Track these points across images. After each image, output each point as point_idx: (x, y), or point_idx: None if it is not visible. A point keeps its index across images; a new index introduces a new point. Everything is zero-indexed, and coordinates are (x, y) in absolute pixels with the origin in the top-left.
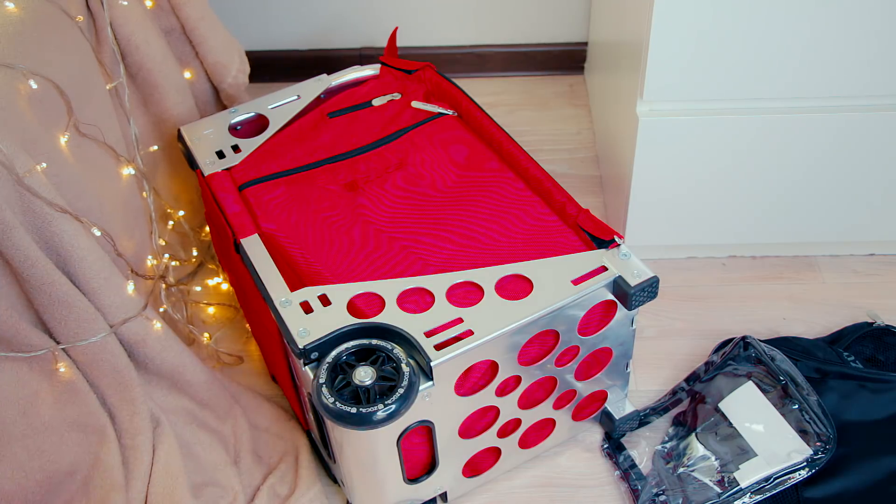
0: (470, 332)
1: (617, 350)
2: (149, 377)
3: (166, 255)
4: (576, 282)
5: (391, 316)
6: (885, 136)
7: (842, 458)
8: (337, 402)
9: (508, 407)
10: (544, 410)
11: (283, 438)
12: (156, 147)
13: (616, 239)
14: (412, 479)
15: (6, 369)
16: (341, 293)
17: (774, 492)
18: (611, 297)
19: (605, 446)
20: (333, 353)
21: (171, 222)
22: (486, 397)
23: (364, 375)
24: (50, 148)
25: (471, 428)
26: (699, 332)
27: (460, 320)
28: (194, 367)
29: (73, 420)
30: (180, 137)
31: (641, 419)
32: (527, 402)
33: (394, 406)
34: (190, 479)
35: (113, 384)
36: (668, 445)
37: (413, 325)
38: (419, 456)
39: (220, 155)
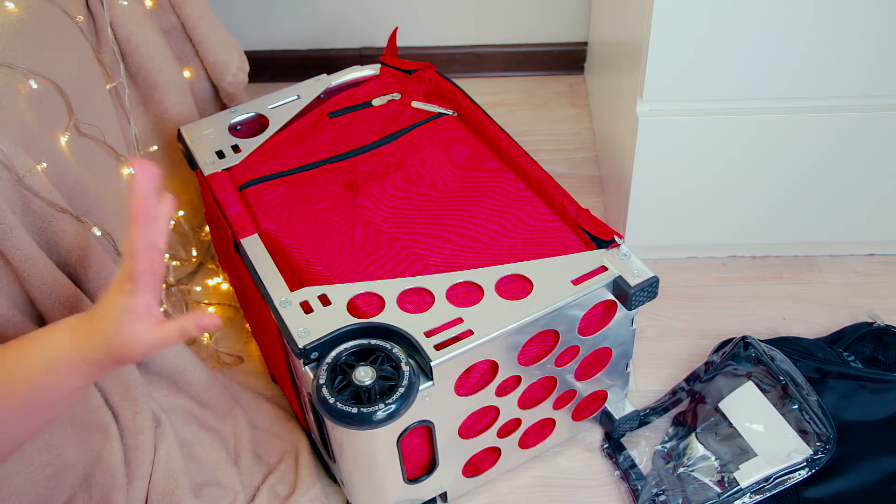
0: (470, 332)
1: (617, 350)
2: (149, 377)
3: (166, 255)
4: (576, 282)
5: (391, 316)
6: (885, 136)
7: (842, 458)
8: (337, 402)
9: (508, 407)
10: (544, 410)
11: (283, 438)
12: (156, 147)
13: (616, 239)
14: (412, 479)
15: None
16: (341, 293)
17: (774, 492)
18: (611, 297)
19: (605, 446)
20: (333, 353)
21: (171, 222)
22: (486, 397)
23: (364, 375)
24: (50, 148)
25: (471, 428)
26: (699, 332)
27: (460, 320)
28: (194, 367)
29: (77, 417)
30: (180, 137)
31: (641, 419)
32: (527, 402)
33: (394, 406)
34: (190, 478)
35: (116, 383)
36: (668, 445)
37: (413, 324)
38: (419, 456)
39: (220, 155)
